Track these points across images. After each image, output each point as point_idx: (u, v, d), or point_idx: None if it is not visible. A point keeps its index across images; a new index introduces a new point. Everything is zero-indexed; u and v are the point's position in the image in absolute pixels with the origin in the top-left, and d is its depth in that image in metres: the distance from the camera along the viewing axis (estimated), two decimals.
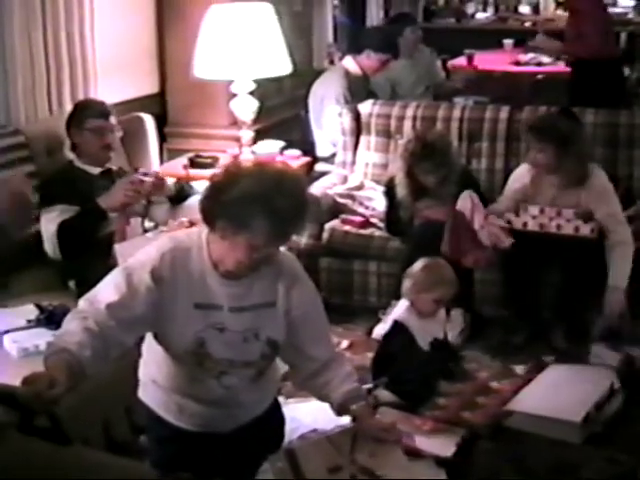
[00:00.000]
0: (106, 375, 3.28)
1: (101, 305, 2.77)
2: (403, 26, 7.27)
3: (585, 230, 4.73)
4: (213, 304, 2.91)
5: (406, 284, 4.30)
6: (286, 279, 3.02)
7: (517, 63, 8.37)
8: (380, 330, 4.78)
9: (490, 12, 11.27)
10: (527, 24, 10.40)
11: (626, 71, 8.57)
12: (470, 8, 11.28)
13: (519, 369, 4.48)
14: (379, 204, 5.28)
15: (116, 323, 2.75)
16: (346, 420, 3.11)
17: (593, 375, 4.27)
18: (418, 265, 4.32)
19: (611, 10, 10.33)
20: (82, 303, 2.82)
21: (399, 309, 4.30)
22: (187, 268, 2.89)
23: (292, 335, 3.05)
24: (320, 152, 6.29)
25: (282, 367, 3.33)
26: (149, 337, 3.02)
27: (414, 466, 3.10)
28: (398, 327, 4.20)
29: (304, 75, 6.83)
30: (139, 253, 2.96)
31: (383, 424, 3.08)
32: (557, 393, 4.10)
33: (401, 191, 4.97)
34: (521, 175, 4.98)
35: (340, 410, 3.08)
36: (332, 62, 7.92)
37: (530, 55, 8.46)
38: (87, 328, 2.70)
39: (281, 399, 3.53)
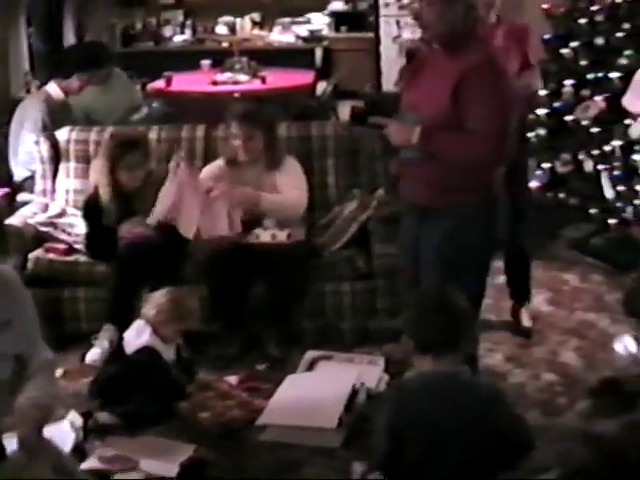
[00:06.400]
0: None
1: None
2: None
3: (282, 236, 4.91)
4: None
5: (150, 312, 4.31)
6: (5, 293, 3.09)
7: (215, 83, 8.48)
8: (93, 355, 4.78)
9: (188, 34, 11.35)
10: (224, 44, 10.56)
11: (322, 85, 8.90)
12: (168, 31, 11.34)
13: (233, 379, 4.58)
14: (82, 230, 5.25)
15: None
16: None
17: (334, 378, 4.42)
18: (163, 296, 4.35)
19: (305, 27, 10.86)
20: None
21: (140, 333, 4.31)
22: None
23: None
24: (16, 177, 6.13)
25: None
26: None
27: None
28: (149, 352, 4.25)
29: (1, 104, 6.69)
30: None
31: None
32: (305, 401, 4.22)
33: (105, 195, 5.00)
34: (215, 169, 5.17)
35: None
36: (29, 91, 7.74)
37: (227, 75, 8.59)
38: None
39: None
